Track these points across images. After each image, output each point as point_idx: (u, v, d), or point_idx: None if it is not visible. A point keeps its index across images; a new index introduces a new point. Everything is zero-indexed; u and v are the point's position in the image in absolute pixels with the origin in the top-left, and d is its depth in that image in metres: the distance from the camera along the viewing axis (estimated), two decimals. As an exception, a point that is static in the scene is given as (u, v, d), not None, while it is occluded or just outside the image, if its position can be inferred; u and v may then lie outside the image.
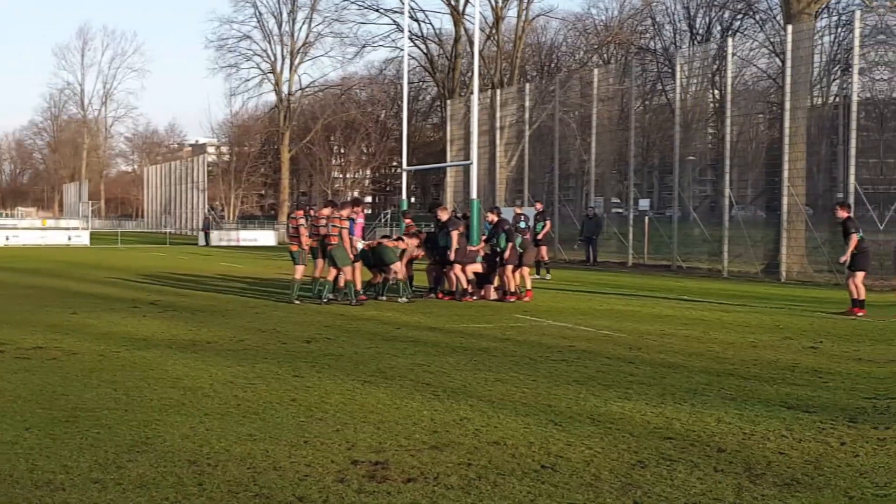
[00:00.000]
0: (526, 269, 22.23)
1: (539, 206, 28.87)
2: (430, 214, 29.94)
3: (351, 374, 10.94)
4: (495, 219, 22.05)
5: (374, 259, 20.96)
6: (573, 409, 9.12)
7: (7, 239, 57.06)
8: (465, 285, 21.08)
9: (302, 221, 20.97)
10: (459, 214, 39.74)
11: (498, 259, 21.56)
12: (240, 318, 16.95)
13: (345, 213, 20.44)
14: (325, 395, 9.65)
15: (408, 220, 24.42)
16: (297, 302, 19.93)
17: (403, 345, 13.63)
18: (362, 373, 11.08)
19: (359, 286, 20.18)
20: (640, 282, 28.54)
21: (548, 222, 29.77)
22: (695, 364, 12.04)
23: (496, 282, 21.78)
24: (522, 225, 24.44)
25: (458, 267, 21.18)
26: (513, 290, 21.34)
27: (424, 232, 22.43)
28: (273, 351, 12.84)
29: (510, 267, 21.55)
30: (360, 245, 21.13)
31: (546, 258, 29.21)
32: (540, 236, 28.60)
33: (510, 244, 21.24)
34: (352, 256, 20.25)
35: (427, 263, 22.79)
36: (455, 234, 21.19)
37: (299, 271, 20.72)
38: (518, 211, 27.88)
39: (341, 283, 20.26)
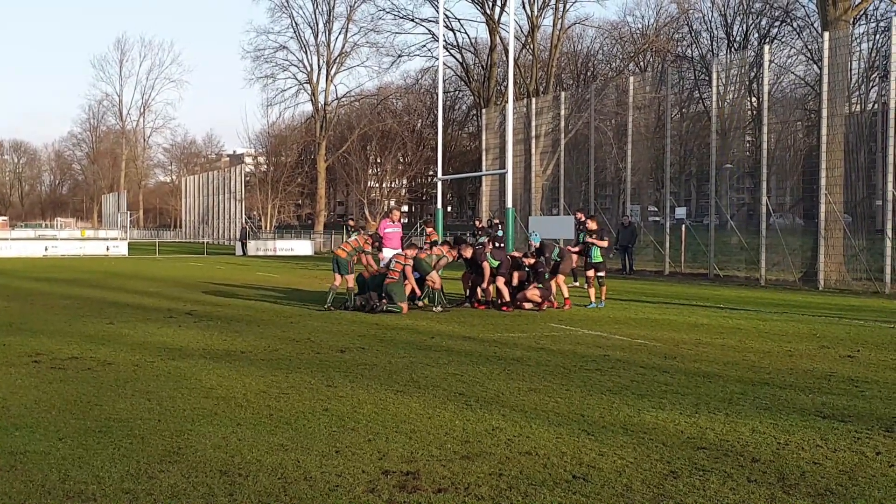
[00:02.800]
0: (561, 278, 22.20)
1: (580, 215, 28.78)
2: (465, 224, 29.90)
3: (384, 384, 10.95)
4: (594, 226, 22.30)
5: (376, 284, 20.91)
6: (606, 419, 9.07)
7: (46, 249, 57.66)
8: (506, 297, 21.04)
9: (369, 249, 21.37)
10: (496, 221, 39.88)
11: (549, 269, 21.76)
12: (274, 328, 17.01)
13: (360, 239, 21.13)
14: (357, 405, 9.66)
15: (430, 229, 24.47)
16: (330, 308, 20.19)
17: (437, 354, 13.63)
18: (395, 382, 11.08)
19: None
20: (676, 290, 28.39)
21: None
22: (730, 373, 11.95)
23: (493, 293, 21.73)
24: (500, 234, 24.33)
25: (500, 279, 21.15)
26: (567, 296, 21.86)
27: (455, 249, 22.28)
28: (306, 361, 12.87)
29: (561, 277, 21.82)
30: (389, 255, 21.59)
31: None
32: (579, 248, 28.35)
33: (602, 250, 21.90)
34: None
35: (463, 272, 22.76)
36: (486, 267, 21.24)
37: (338, 279, 20.93)
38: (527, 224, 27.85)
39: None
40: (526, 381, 11.30)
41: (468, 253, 21.56)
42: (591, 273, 22.18)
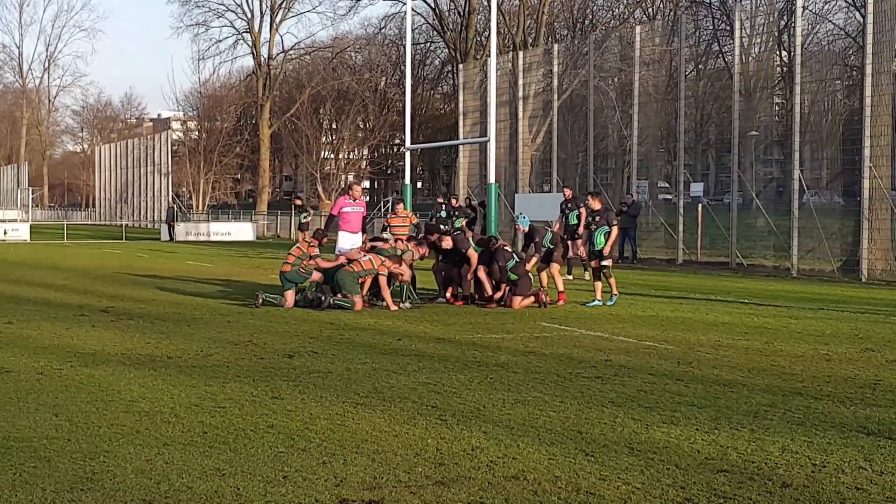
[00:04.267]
0: (555, 268, 22.23)
1: (568, 192, 28.74)
2: (436, 201, 29.83)
3: (341, 395, 10.94)
4: (598, 205, 22.08)
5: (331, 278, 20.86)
6: (608, 437, 9.11)
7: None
8: (489, 291, 21.03)
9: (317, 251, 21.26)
10: (475, 202, 39.84)
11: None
12: (208, 329, 16.97)
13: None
14: (309, 421, 9.66)
15: (399, 207, 24.28)
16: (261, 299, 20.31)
17: (405, 359, 13.63)
18: (355, 393, 11.08)
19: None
20: (691, 282, 28.50)
21: (582, 210, 29.54)
22: (756, 381, 12.01)
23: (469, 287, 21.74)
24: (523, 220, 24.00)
25: (483, 270, 21.12)
26: (561, 289, 21.88)
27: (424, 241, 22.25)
28: (248, 367, 12.85)
29: (556, 266, 21.78)
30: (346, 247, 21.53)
31: (584, 254, 28.88)
32: (581, 230, 28.31)
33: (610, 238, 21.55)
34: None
35: (434, 262, 22.78)
36: (473, 256, 21.19)
37: (289, 299, 20.60)
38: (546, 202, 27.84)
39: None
40: (512, 391, 11.32)
41: (448, 244, 21.53)
42: (594, 263, 21.91)
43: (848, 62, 44.18)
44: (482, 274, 21.10)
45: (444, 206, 38.10)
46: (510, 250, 21.40)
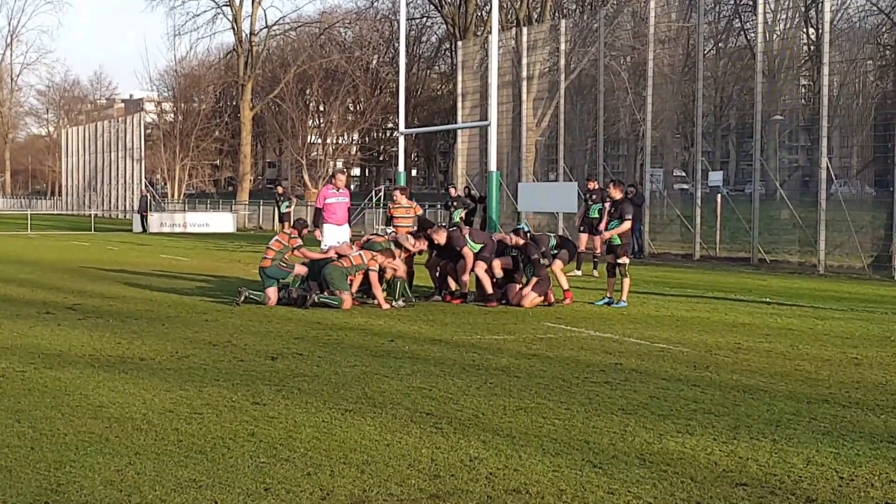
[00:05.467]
0: (558, 265, 22.10)
1: (593, 183, 28.73)
2: (436, 193, 29.77)
3: (328, 401, 10.95)
4: (619, 194, 21.94)
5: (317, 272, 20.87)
6: (617, 447, 9.12)
7: None
8: (489, 289, 21.00)
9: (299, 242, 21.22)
10: (474, 192, 39.81)
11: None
12: (184, 328, 16.97)
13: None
14: (293, 429, 9.66)
15: (400, 196, 24.21)
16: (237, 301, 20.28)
17: (398, 362, 13.64)
18: (343, 399, 11.08)
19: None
20: (709, 279, 28.51)
21: (607, 204, 29.33)
22: (778, 387, 12.03)
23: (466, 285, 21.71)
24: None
25: (481, 265, 21.08)
26: (566, 287, 21.75)
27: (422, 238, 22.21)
28: (227, 370, 12.85)
29: (558, 263, 21.67)
30: (326, 243, 21.56)
31: (600, 251, 28.72)
32: (602, 225, 28.11)
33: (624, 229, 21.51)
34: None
35: (427, 257, 22.76)
36: (468, 254, 21.15)
37: (272, 296, 20.60)
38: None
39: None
40: (514, 397, 11.33)
41: (441, 238, 21.51)
42: (610, 259, 21.85)
43: (880, 40, 44.15)
44: (481, 271, 21.04)
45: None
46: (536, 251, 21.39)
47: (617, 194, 21.86)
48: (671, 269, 32.80)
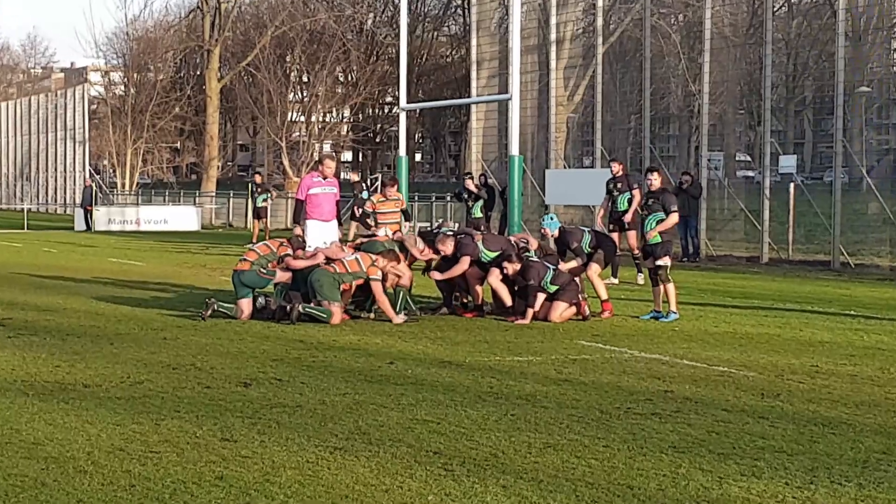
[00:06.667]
0: (594, 270, 22.03)
1: (618, 167, 28.60)
2: (445, 182, 29.72)
3: (313, 437, 10.95)
4: (659, 183, 21.82)
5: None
6: (668, 493, 9.11)
7: None
8: (507, 301, 20.94)
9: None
10: (492, 181, 39.82)
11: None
12: (138, 348, 16.96)
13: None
14: (270, 471, 9.67)
15: (391, 189, 24.19)
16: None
17: (399, 389, 13.65)
18: (332, 434, 11.08)
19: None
20: (779, 288, 28.47)
21: (636, 192, 29.22)
22: (866, 420, 12.01)
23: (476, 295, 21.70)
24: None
25: (495, 274, 20.94)
26: (605, 297, 21.68)
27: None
28: (189, 399, 12.85)
29: (595, 267, 21.58)
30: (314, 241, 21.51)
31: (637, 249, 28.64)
32: (628, 217, 28.03)
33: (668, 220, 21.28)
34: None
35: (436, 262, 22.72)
36: (462, 264, 21.08)
37: (245, 308, 20.62)
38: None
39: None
40: (541, 432, 11.32)
41: (448, 248, 21.43)
42: (648, 263, 21.72)
43: None
44: (495, 281, 20.90)
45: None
46: (541, 258, 21.28)
47: (657, 184, 21.66)
48: (733, 275, 32.75)
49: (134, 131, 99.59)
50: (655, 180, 21.72)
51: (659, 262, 21.11)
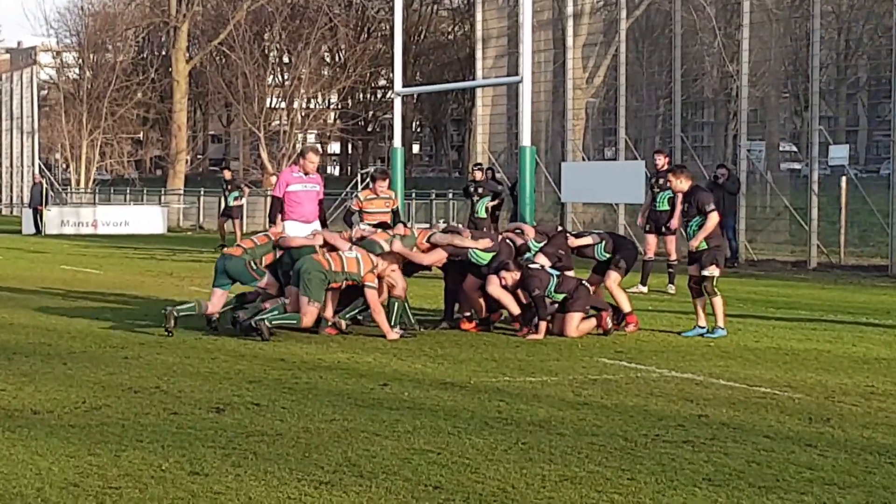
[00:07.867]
0: (613, 279, 21.97)
1: (663, 160, 28.37)
2: (446, 177, 29.74)
3: (296, 470, 10.95)
4: (687, 186, 21.62)
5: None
6: (702, 533, 9.13)
7: None
8: (514, 309, 20.93)
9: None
10: (500, 177, 39.84)
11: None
12: (95, 368, 16.97)
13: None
14: (247, 509, 9.68)
15: (381, 184, 24.20)
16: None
17: (394, 415, 13.66)
18: (317, 466, 11.08)
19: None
20: (830, 297, 28.49)
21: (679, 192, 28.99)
22: (928, 449, 12.02)
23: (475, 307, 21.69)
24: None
25: (494, 282, 20.82)
26: (628, 309, 21.65)
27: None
28: (154, 427, 12.85)
29: (614, 276, 21.50)
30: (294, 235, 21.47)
31: (675, 256, 28.49)
32: (674, 223, 27.64)
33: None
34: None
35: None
36: (433, 256, 21.10)
37: (217, 301, 20.66)
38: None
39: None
40: (556, 463, 11.33)
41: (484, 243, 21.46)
42: (693, 270, 21.35)
43: None
44: (495, 289, 20.77)
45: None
46: (543, 264, 21.21)
47: (683, 184, 21.35)
48: (776, 282, 32.78)
49: (90, 120, 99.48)
50: (676, 181, 21.36)
51: (705, 273, 20.72)
